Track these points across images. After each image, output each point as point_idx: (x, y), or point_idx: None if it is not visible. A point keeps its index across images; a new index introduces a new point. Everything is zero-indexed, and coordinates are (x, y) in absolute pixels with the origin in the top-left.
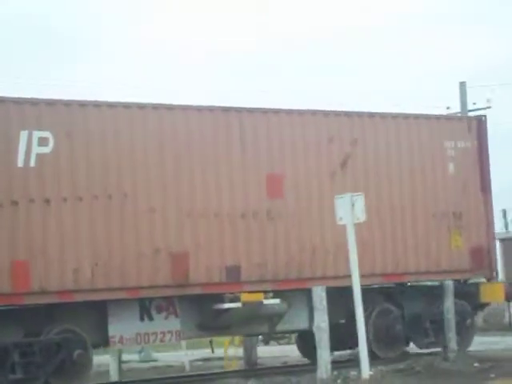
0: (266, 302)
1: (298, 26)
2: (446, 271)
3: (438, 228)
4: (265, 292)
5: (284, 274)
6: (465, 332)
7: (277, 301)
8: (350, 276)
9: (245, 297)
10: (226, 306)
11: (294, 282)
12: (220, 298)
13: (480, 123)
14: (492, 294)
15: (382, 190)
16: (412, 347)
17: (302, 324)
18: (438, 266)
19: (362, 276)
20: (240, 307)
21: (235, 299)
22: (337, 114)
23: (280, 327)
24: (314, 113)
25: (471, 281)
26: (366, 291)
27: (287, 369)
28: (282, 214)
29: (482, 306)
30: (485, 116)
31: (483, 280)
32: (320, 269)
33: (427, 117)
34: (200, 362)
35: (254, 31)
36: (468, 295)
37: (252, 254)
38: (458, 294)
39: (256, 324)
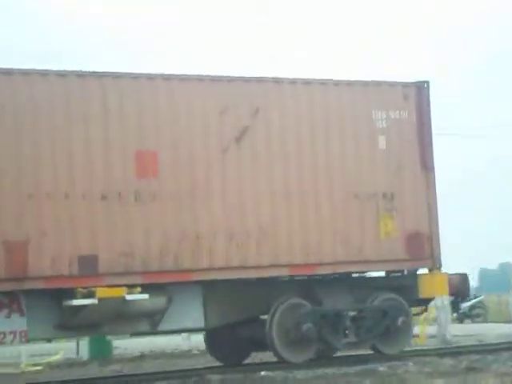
0: (129, 297)
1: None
2: (372, 261)
3: (361, 211)
4: (133, 286)
5: (158, 264)
6: (396, 332)
7: (145, 296)
8: (244, 267)
9: (101, 292)
10: (76, 302)
11: (172, 273)
12: (72, 294)
13: (420, 90)
14: (433, 287)
15: (289, 169)
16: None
17: (195, 323)
18: (361, 256)
19: (260, 267)
20: (96, 304)
21: (90, 295)
22: (231, 79)
23: (165, 326)
24: (201, 79)
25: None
26: (277, 284)
27: (483, 347)
28: (155, 196)
29: (423, 301)
30: (427, 82)
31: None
32: (206, 258)
33: (350, 83)
34: None
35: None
36: (404, 289)
37: (115, 242)
38: (392, 288)
39: (132, 322)
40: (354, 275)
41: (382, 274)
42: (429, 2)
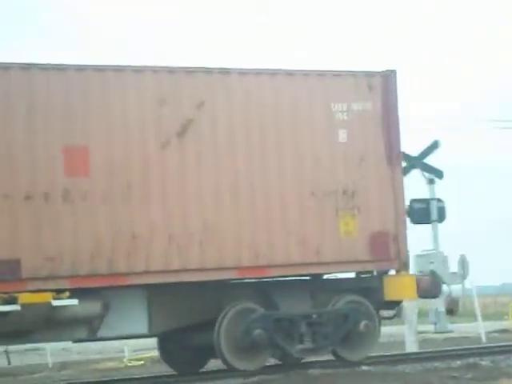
0: (56, 303)
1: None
2: (331, 262)
3: (319, 210)
4: (61, 291)
5: (88, 268)
6: (359, 338)
7: (73, 302)
8: (186, 270)
9: (24, 298)
10: None
11: (104, 277)
12: None
13: (387, 80)
14: (399, 289)
15: (237, 165)
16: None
17: (138, 329)
18: (319, 257)
19: (203, 270)
20: (19, 310)
21: (12, 300)
22: (171, 70)
23: (105, 333)
24: (138, 70)
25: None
26: (229, 287)
27: None
28: (87, 196)
29: (392, 304)
30: (393, 71)
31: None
32: (142, 261)
33: (305, 73)
34: (496, 334)
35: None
36: (370, 291)
37: (40, 245)
38: (358, 290)
39: (66, 329)
40: (316, 278)
41: (352, 275)
42: (429, 1)
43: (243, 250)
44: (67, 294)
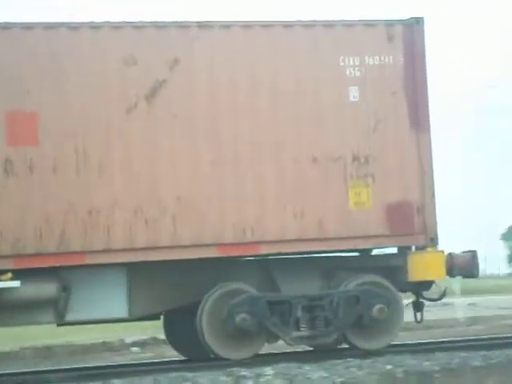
0: None
1: None
2: (336, 238)
3: (322, 178)
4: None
5: (36, 246)
6: (373, 324)
7: (15, 283)
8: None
9: None
10: None
11: (55, 256)
12: None
13: (411, 30)
14: (425, 268)
15: (220, 130)
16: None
17: (117, 312)
18: (321, 232)
19: (177, 247)
20: None
21: None
22: (138, 26)
23: (75, 316)
24: (97, 26)
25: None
26: (224, 266)
27: None
28: (34, 166)
29: (421, 285)
30: (420, 19)
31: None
32: (101, 238)
33: (307, 24)
34: None
35: None
36: (392, 271)
37: None
38: (377, 270)
39: (26, 313)
40: (326, 255)
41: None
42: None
43: (225, 225)
44: (9, 275)
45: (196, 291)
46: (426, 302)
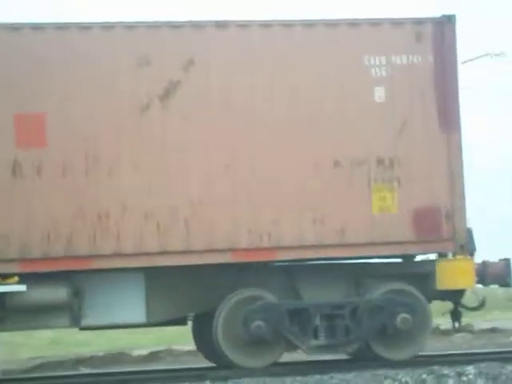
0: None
1: None
2: (358, 244)
3: (344, 182)
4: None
5: (42, 250)
6: (398, 334)
7: (21, 287)
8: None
9: None
10: None
11: (63, 261)
12: None
13: (441, 28)
14: (453, 276)
15: (236, 132)
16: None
17: (134, 317)
18: (342, 238)
19: (189, 252)
20: None
21: None
22: (150, 25)
23: (92, 321)
24: (109, 26)
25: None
26: (244, 271)
27: None
28: (42, 169)
29: (452, 294)
30: (451, 16)
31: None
32: (110, 243)
33: (331, 23)
34: None
35: None
36: (421, 279)
37: None
38: (405, 277)
39: (38, 317)
40: (353, 261)
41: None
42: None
43: (241, 229)
44: (15, 278)
45: (215, 297)
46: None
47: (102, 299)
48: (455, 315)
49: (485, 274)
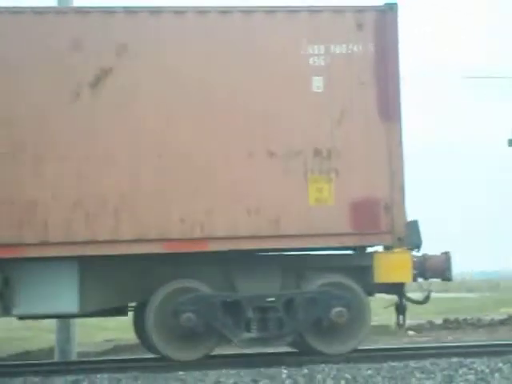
0: None
1: None
2: (293, 236)
3: (280, 173)
4: None
5: None
6: (334, 327)
7: None
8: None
9: None
10: None
11: None
12: None
13: (383, 17)
14: (390, 269)
15: (168, 121)
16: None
17: (65, 306)
18: (277, 229)
19: (118, 242)
20: None
21: None
22: (81, 11)
23: (22, 310)
24: (41, 11)
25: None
26: (181, 261)
27: None
28: None
29: (392, 287)
30: (393, 5)
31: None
32: (36, 231)
33: (269, 10)
34: None
35: None
36: (360, 272)
37: None
38: (341, 270)
39: None
40: (293, 253)
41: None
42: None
43: (172, 220)
44: None
45: (149, 288)
46: None
47: (35, 288)
48: (400, 309)
49: (424, 268)
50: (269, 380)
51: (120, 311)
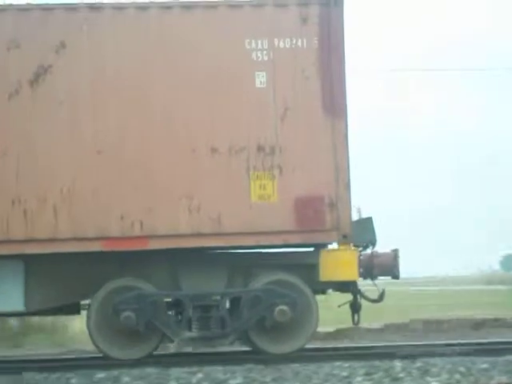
0: None
1: None
2: (235, 233)
3: (221, 170)
4: None
5: None
6: (278, 326)
7: None
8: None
9: None
10: None
11: None
12: None
13: (327, 11)
14: (336, 267)
15: (105, 117)
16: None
17: (11, 304)
18: (218, 227)
19: (56, 240)
20: None
21: None
22: (21, 8)
23: None
24: None
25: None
26: (124, 259)
27: None
28: None
29: (337, 286)
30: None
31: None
32: None
33: (210, 5)
34: None
35: None
36: (306, 270)
37: None
38: (289, 267)
39: None
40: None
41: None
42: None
43: (112, 218)
44: None
45: (93, 286)
46: None
47: None
48: (354, 308)
49: (371, 266)
50: (383, 372)
51: (71, 309)
